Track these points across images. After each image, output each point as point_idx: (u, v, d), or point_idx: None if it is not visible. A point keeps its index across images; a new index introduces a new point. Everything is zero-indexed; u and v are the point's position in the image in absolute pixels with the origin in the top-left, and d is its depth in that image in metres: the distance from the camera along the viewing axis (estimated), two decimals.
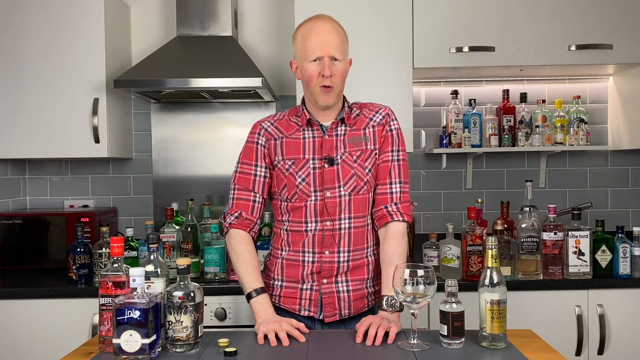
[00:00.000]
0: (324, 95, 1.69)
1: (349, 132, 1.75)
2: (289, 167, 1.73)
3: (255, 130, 1.80)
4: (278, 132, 1.77)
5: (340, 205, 1.71)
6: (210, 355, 1.45)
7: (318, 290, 1.73)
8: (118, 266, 1.49)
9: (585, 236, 2.37)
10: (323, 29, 1.68)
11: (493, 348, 1.48)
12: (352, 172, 1.71)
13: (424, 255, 2.55)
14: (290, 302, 1.76)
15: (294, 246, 1.75)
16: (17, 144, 2.62)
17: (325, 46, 1.67)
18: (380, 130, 1.76)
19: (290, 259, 1.76)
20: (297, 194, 1.72)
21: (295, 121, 1.78)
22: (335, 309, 1.73)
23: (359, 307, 1.76)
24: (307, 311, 1.74)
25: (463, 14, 2.63)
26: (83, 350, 1.53)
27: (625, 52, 2.62)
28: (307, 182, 1.71)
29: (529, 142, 2.83)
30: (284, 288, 1.77)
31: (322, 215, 1.72)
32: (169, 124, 3.00)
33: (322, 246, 1.72)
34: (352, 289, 1.74)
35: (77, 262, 2.39)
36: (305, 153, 1.73)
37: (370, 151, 1.74)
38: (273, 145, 1.76)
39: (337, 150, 1.73)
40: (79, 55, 2.61)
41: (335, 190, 1.71)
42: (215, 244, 2.42)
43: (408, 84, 2.63)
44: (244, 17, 3.01)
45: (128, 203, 3.03)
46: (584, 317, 2.37)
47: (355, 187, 1.72)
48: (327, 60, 1.67)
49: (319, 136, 1.74)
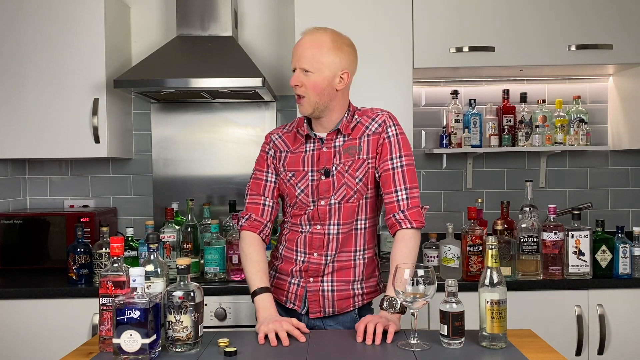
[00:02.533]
0: (298, 104, 1.77)
1: (345, 142, 1.79)
2: (290, 179, 1.82)
3: (266, 142, 1.91)
4: (284, 146, 1.87)
5: (330, 212, 1.78)
6: (210, 355, 1.45)
7: (304, 287, 1.81)
8: (118, 266, 1.49)
9: (585, 236, 2.37)
10: (302, 42, 1.75)
11: (493, 348, 1.48)
12: (343, 181, 1.77)
13: (424, 255, 2.55)
14: (278, 293, 1.85)
15: (290, 243, 1.85)
16: (17, 144, 2.62)
17: (298, 57, 1.74)
18: (375, 140, 1.77)
19: (286, 255, 1.85)
20: (297, 204, 1.82)
21: (301, 133, 1.86)
22: (319, 306, 1.81)
23: (344, 307, 1.81)
24: (292, 304, 1.83)
25: (463, 14, 2.63)
26: (83, 350, 1.53)
27: (625, 52, 2.62)
28: (305, 193, 1.80)
29: (529, 142, 2.83)
30: (275, 278, 1.88)
31: (313, 220, 1.79)
32: (169, 124, 3.00)
33: (312, 248, 1.80)
34: (337, 289, 1.80)
35: (77, 262, 2.39)
36: (304, 166, 1.81)
37: (363, 160, 1.77)
38: (279, 157, 1.86)
39: (334, 161, 1.78)
40: (79, 55, 2.61)
41: (328, 199, 1.78)
42: (215, 244, 2.42)
43: (408, 84, 2.63)
44: (244, 17, 3.02)
45: (128, 203, 3.03)
46: (584, 317, 2.37)
47: (345, 195, 1.77)
48: (297, 71, 1.74)
49: (317, 148, 1.81)
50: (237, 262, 2.40)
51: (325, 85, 1.73)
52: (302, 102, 1.75)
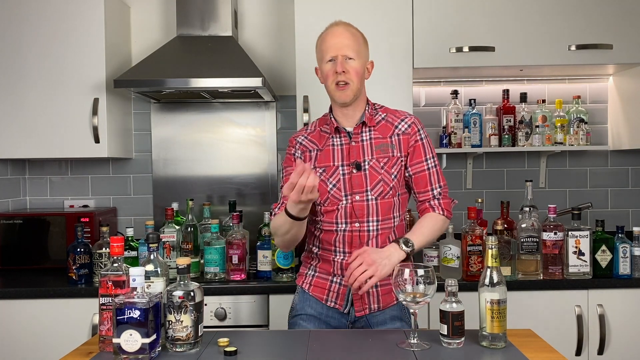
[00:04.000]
0: (340, 92, 1.79)
1: (374, 139, 1.83)
2: (321, 175, 1.83)
3: (291, 144, 1.93)
4: (313, 145, 1.88)
5: (368, 208, 1.79)
6: (210, 354, 1.45)
7: (347, 286, 1.79)
8: (118, 266, 1.49)
9: (585, 236, 2.37)
10: (336, 31, 1.81)
11: (493, 348, 1.48)
12: (379, 177, 1.80)
13: (424, 255, 2.55)
14: (319, 292, 1.85)
15: (325, 244, 1.84)
16: (17, 144, 2.63)
17: (337, 47, 1.78)
18: (406, 139, 1.84)
19: (323, 255, 1.85)
20: (330, 199, 1.81)
21: (326, 130, 1.88)
22: (365, 304, 1.81)
23: (388, 301, 1.83)
24: (334, 303, 1.83)
25: (463, 14, 2.63)
26: (83, 350, 1.53)
27: (625, 52, 2.62)
28: (337, 188, 1.81)
29: (529, 142, 2.83)
30: (315, 277, 1.88)
31: (351, 218, 1.80)
32: (169, 124, 3.00)
33: (352, 246, 1.80)
34: (381, 284, 1.80)
35: (77, 262, 2.39)
36: (334, 161, 1.83)
37: (397, 158, 1.82)
38: (308, 157, 1.88)
39: (364, 156, 1.81)
40: (79, 55, 2.61)
41: (363, 194, 1.80)
42: (215, 244, 2.42)
43: (408, 84, 2.63)
44: (244, 17, 3.02)
45: (128, 203, 3.03)
46: (584, 317, 2.37)
47: (382, 191, 1.80)
48: (340, 58, 1.77)
49: (346, 143, 1.84)
50: (237, 262, 2.40)
51: (363, 72, 1.82)
52: (346, 88, 1.79)
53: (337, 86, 1.79)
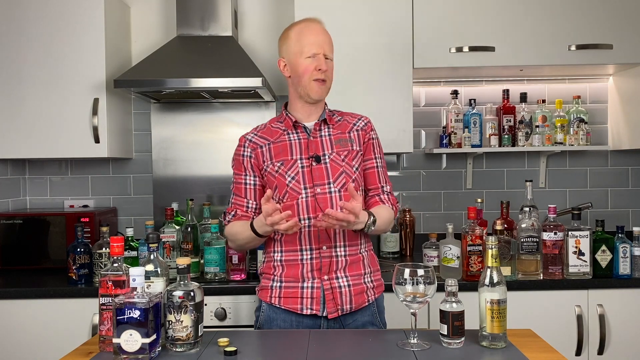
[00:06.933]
0: (318, 88, 1.83)
1: (334, 135, 1.85)
2: (278, 168, 1.82)
3: (240, 144, 1.92)
4: (263, 140, 1.89)
5: (331, 200, 1.78)
6: (210, 354, 1.45)
7: (320, 287, 1.77)
8: (118, 266, 1.49)
9: (585, 236, 2.37)
10: (319, 29, 1.86)
11: (493, 347, 1.48)
12: (340, 169, 1.81)
13: (424, 255, 2.55)
14: (291, 302, 1.78)
15: (289, 245, 1.80)
16: (17, 144, 2.62)
17: (321, 44, 1.82)
18: (363, 135, 1.89)
19: (287, 260, 1.80)
20: (288, 192, 1.79)
21: (278, 127, 1.90)
22: (337, 304, 1.77)
23: (360, 302, 1.80)
24: (310, 309, 1.76)
25: (463, 14, 2.63)
26: (83, 350, 1.53)
27: (625, 52, 2.62)
28: (296, 180, 1.80)
29: (529, 142, 2.83)
30: (283, 289, 1.80)
31: (314, 212, 1.77)
32: (169, 124, 3.00)
33: (319, 242, 1.77)
34: (352, 283, 1.79)
35: (77, 262, 2.39)
36: (292, 154, 1.83)
37: (356, 152, 1.86)
38: (260, 153, 1.87)
39: (324, 150, 1.83)
40: (79, 56, 2.61)
41: (325, 186, 1.79)
42: (215, 244, 2.42)
43: (408, 84, 2.63)
44: (244, 17, 3.02)
45: (128, 203, 3.03)
46: (584, 317, 2.37)
47: (344, 183, 1.80)
48: (322, 57, 1.82)
49: (304, 138, 1.85)
50: (237, 262, 2.40)
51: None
52: (323, 86, 1.84)
53: (317, 82, 1.81)
